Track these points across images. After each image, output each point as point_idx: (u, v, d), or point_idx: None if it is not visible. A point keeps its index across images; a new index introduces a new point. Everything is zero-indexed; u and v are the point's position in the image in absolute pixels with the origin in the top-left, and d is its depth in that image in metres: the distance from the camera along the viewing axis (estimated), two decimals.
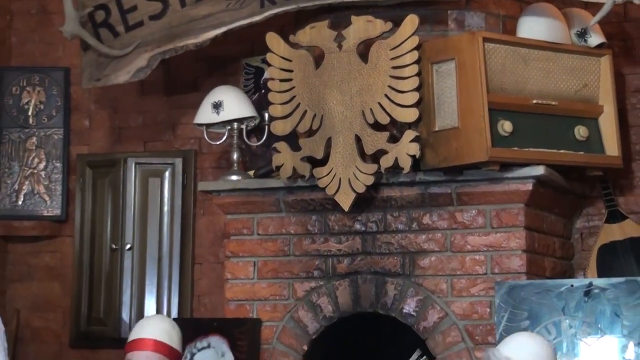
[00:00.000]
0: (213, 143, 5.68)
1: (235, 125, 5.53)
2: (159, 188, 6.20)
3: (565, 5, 5.28)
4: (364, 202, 5.09)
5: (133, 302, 6.12)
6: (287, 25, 5.41)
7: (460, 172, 4.95)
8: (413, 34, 4.90)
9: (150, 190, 6.20)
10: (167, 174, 6.20)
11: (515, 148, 4.87)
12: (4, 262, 6.43)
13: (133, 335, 4.29)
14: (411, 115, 4.90)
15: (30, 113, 6.42)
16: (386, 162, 4.93)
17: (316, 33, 5.12)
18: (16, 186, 6.39)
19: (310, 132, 5.13)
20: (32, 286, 6.43)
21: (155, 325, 4.32)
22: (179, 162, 6.20)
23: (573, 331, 4.73)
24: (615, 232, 5.24)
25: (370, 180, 4.97)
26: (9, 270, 6.47)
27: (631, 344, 4.64)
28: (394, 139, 4.95)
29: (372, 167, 4.96)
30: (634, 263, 5.14)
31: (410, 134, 4.89)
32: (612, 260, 5.17)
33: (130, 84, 5.90)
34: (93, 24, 5.74)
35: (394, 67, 4.94)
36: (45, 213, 6.40)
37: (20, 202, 6.39)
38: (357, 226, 5.20)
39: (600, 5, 4.73)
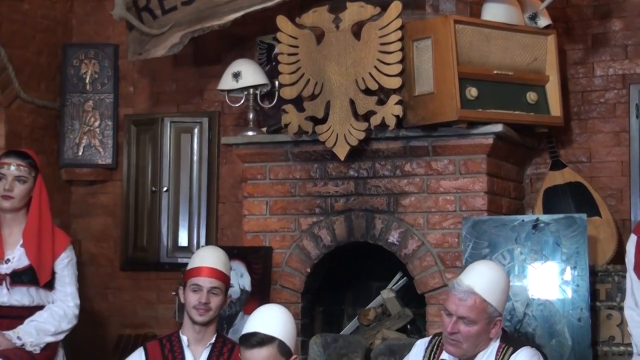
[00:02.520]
0: (233, 105, 5.61)
1: (251, 90, 5.46)
2: (189, 142, 6.12)
3: None
4: (357, 153, 5.03)
5: (169, 234, 6.07)
6: (294, 9, 5.30)
7: (435, 129, 4.89)
8: (397, 17, 4.83)
9: (183, 143, 6.12)
10: (196, 130, 6.11)
11: (480, 109, 4.82)
12: (68, 202, 6.39)
13: (198, 262, 4.14)
14: (396, 82, 4.84)
15: (87, 81, 6.32)
16: (375, 120, 4.87)
17: (318, 16, 5.05)
18: (77, 140, 6.30)
19: (313, 97, 5.06)
20: (90, 221, 6.39)
21: (216, 257, 4.17)
22: (205, 121, 6.11)
23: (523, 257, 4.70)
24: (557, 178, 5.18)
25: (362, 135, 4.92)
26: (72, 208, 6.42)
27: (568, 268, 4.61)
28: (381, 102, 4.89)
29: (364, 125, 4.91)
30: (571, 202, 5.08)
31: (394, 98, 4.84)
32: (554, 200, 5.12)
33: (166, 57, 5.86)
34: (136, 9, 5.70)
35: (382, 44, 4.87)
36: (99, 162, 6.32)
37: (80, 153, 6.31)
38: (351, 172, 5.13)
39: None
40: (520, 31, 4.99)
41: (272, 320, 3.57)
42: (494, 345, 3.70)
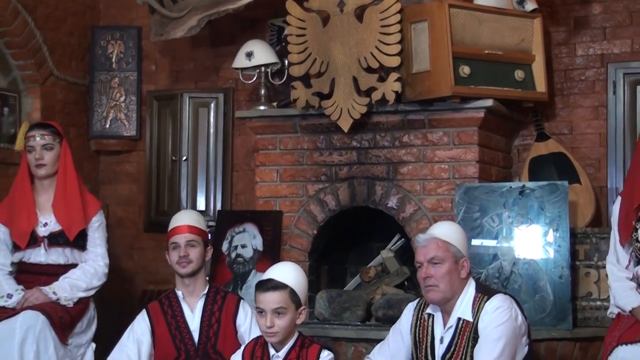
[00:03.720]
0: (246, 82, 5.57)
1: (263, 69, 5.42)
2: (206, 115, 6.06)
3: None
4: (359, 125, 4.98)
5: (188, 198, 6.03)
6: None
7: (431, 104, 4.85)
8: (396, 1, 4.79)
9: (200, 117, 6.06)
10: (212, 105, 6.05)
11: (472, 86, 4.77)
12: (97, 170, 6.36)
13: (172, 225, 4.20)
14: (395, 61, 4.80)
15: (113, 60, 6.26)
16: (376, 96, 4.84)
17: (324, 0, 4.99)
18: (104, 114, 6.25)
19: (319, 74, 5.00)
20: (117, 187, 6.36)
21: (187, 216, 4.25)
22: (221, 96, 6.04)
23: (510, 220, 4.69)
24: (542, 149, 5.14)
25: (364, 110, 4.88)
26: (101, 175, 6.39)
27: (551, 231, 4.60)
28: (382, 79, 4.85)
29: (365, 100, 4.87)
30: (554, 171, 5.05)
31: (394, 76, 4.80)
32: (539, 169, 5.08)
33: (185, 38, 5.82)
34: None
35: (382, 26, 4.82)
36: (124, 133, 6.28)
37: (107, 126, 6.26)
38: (354, 143, 5.09)
39: None
40: (509, 14, 4.93)
41: (286, 271, 3.61)
42: (470, 295, 3.69)
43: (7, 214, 4.56)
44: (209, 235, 4.36)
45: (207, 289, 4.12)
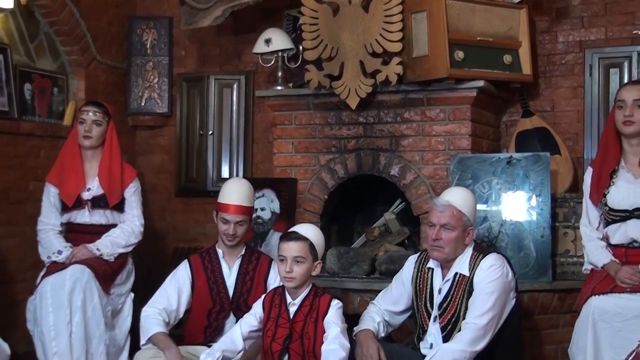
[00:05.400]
0: (265, 65, 5.55)
1: (280, 53, 5.40)
2: (230, 95, 6.04)
3: None
4: (365, 103, 4.97)
5: (214, 167, 6.04)
6: None
7: (429, 84, 4.84)
8: None
9: (224, 96, 6.05)
10: (235, 85, 6.03)
11: (465, 69, 4.75)
12: (133, 143, 6.35)
13: (226, 199, 4.05)
14: (397, 47, 4.79)
15: (148, 46, 6.24)
16: (380, 77, 4.83)
17: None
18: (140, 94, 6.24)
19: (330, 58, 4.99)
20: (151, 158, 6.36)
21: (240, 193, 4.07)
22: (242, 78, 6.03)
23: (499, 187, 4.69)
24: (527, 124, 5.13)
25: (369, 89, 4.87)
26: (137, 147, 6.38)
27: (534, 196, 4.61)
28: (385, 63, 4.84)
29: (371, 81, 4.86)
30: (537, 143, 5.04)
31: (396, 60, 4.79)
32: (524, 141, 5.07)
33: (211, 26, 5.77)
34: None
35: (386, 16, 4.80)
36: (158, 111, 6.27)
37: (143, 104, 6.25)
38: (361, 119, 5.09)
39: None
40: (499, 5, 4.91)
41: (308, 229, 3.69)
42: (468, 254, 3.71)
43: (57, 175, 4.62)
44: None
45: (244, 250, 4.10)
